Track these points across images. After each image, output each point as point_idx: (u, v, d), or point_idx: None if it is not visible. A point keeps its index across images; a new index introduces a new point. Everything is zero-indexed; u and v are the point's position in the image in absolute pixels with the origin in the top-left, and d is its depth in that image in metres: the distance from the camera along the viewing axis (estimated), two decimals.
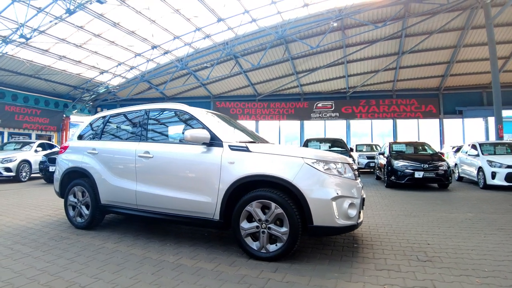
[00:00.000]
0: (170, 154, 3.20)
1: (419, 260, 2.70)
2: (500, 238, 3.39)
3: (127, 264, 2.59)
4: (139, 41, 13.62)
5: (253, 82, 19.00)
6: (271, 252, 2.65)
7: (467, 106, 18.70)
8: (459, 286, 2.18)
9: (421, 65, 17.32)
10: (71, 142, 4.17)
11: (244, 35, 13.44)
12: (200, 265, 2.58)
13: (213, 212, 2.88)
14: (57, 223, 4.07)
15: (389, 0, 11.68)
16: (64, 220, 4.13)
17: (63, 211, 4.77)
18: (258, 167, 2.74)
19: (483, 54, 15.41)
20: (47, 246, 3.03)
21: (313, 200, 2.56)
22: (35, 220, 4.18)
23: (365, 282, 2.25)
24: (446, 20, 13.01)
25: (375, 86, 19.61)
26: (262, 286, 2.18)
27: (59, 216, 4.47)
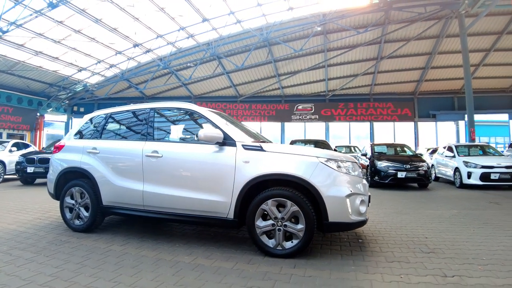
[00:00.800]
0: (181, 154, 3.22)
1: (423, 252, 2.93)
2: (488, 231, 3.72)
3: (143, 266, 2.58)
4: (121, 39, 13.29)
5: (235, 83, 19.11)
6: (287, 249, 2.76)
7: (440, 110, 19.99)
8: (465, 272, 2.41)
9: (398, 70, 18.31)
10: (67, 141, 4.02)
11: (228, 36, 13.52)
12: (218, 265, 2.62)
13: (227, 212, 2.93)
14: (51, 226, 3.92)
15: (371, 7, 12.28)
16: (58, 223, 4.00)
17: (53, 213, 4.67)
18: (274, 166, 2.84)
19: (455, 61, 16.59)
20: (49, 251, 2.93)
21: (329, 198, 2.70)
22: (26, 224, 3.99)
23: (382, 273, 2.42)
24: (423, 28, 13.91)
25: (353, 90, 20.44)
26: (287, 281, 2.27)
27: (50, 219, 4.30)
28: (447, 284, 2.22)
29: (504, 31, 14.11)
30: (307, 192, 2.79)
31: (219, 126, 3.15)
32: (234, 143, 3.03)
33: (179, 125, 3.63)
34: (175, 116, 3.65)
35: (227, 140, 3.04)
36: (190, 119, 3.52)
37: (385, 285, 2.22)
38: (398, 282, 2.27)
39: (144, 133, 3.51)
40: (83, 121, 4.13)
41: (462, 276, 2.35)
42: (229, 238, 3.44)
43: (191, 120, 3.51)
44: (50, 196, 4.02)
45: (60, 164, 3.88)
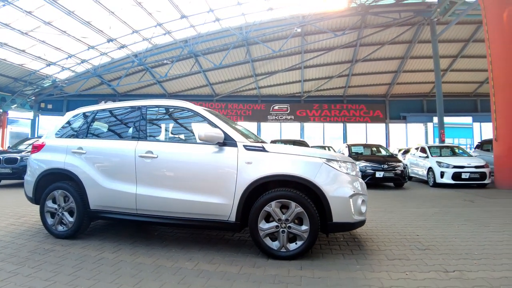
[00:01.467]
0: (178, 154, 3.11)
1: (419, 249, 3.07)
2: (471, 228, 3.98)
3: (143, 275, 2.46)
4: (94, 33, 12.63)
5: (212, 82, 18.94)
6: (291, 250, 2.76)
7: (410, 112, 21.18)
8: (464, 267, 2.56)
9: (371, 73, 19.16)
10: (48, 140, 3.74)
11: (207, 34, 13.34)
12: (223, 269, 2.57)
13: (228, 214, 2.88)
14: (29, 232, 3.62)
15: (349, 11, 12.72)
16: (36, 229, 3.73)
17: (28, 218, 4.35)
18: (278, 167, 2.84)
19: (425, 66, 17.66)
20: (33, 261, 2.69)
21: (334, 198, 2.75)
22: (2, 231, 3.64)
23: (388, 271, 2.50)
24: (397, 33, 14.66)
25: (328, 92, 21.10)
26: (299, 283, 2.28)
27: (26, 225, 3.98)
28: (451, 279, 2.34)
29: (470, 39, 15.26)
30: (309, 193, 2.82)
31: (218, 125, 3.09)
32: (235, 143, 2.98)
33: (174, 124, 3.51)
34: (169, 114, 3.52)
35: (227, 140, 2.99)
36: (186, 118, 3.42)
37: (394, 282, 2.29)
38: (405, 279, 2.35)
39: (136, 133, 3.35)
40: (65, 119, 3.86)
41: (462, 271, 2.49)
42: (227, 241, 3.39)
43: (187, 119, 3.41)
44: (28, 199, 3.73)
45: (40, 165, 3.61)
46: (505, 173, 7.86)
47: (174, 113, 3.51)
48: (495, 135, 8.12)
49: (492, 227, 4.02)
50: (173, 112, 3.51)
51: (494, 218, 4.55)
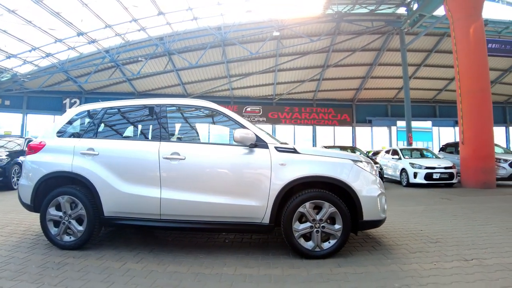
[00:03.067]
0: (208, 156, 3.10)
1: (431, 242, 3.42)
2: (462, 222, 4.48)
3: (187, 285, 2.39)
4: (64, 25, 11.73)
5: (184, 82, 18.63)
6: (325, 249, 2.92)
7: (375, 116, 22.68)
8: (478, 256, 2.93)
9: (341, 78, 20.24)
10: (49, 140, 3.46)
11: (184, 32, 13.14)
12: (265, 272, 2.60)
13: (262, 216, 2.95)
14: (24, 244, 3.34)
15: (326, 17, 13.37)
16: (31, 240, 3.46)
17: (13, 227, 4.04)
18: (312, 168, 2.98)
19: (391, 73, 19.08)
20: (50, 278, 2.47)
21: (364, 198, 2.97)
22: None
23: (417, 263, 2.78)
24: (368, 41, 15.70)
25: (299, 95, 21.87)
26: (348, 280, 2.43)
27: (15, 235, 3.67)
28: (473, 266, 2.68)
29: (433, 49, 16.85)
30: (341, 193, 3.01)
31: (247, 126, 3.15)
32: (266, 145, 3.07)
33: (198, 125, 3.49)
34: (192, 114, 3.50)
35: (258, 142, 3.07)
36: (210, 119, 3.43)
37: (430, 272, 2.56)
38: (436, 268, 2.64)
39: (157, 133, 3.25)
40: (67, 116, 3.61)
41: (479, 259, 2.85)
42: (249, 244, 3.45)
43: (211, 120, 3.42)
44: (24, 207, 3.44)
45: (39, 168, 3.33)
46: (471, 173, 8.84)
47: (197, 112, 3.49)
48: (461, 138, 9.09)
49: (479, 221, 4.54)
50: (196, 111, 3.49)
51: (476, 213, 5.13)
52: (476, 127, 8.65)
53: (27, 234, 3.73)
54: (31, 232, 3.85)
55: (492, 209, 5.47)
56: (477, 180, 8.62)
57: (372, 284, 2.36)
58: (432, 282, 2.36)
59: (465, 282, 2.35)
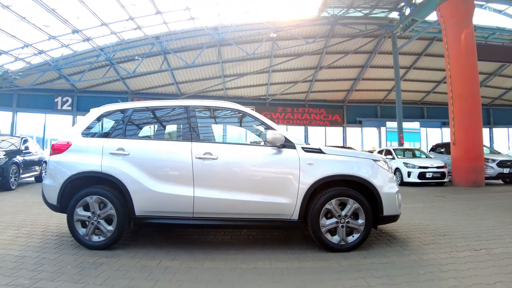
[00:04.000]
0: (240, 156, 3.29)
1: (440, 236, 3.75)
2: (461, 218, 4.85)
3: (229, 278, 2.57)
4: (60, 22, 11.55)
5: (178, 81, 18.66)
6: (349, 243, 3.19)
7: (365, 117, 23.34)
8: (485, 246, 3.27)
9: (333, 80, 20.75)
10: (74, 140, 3.49)
11: (182, 31, 13.21)
12: (299, 265, 2.82)
13: (291, 213, 3.19)
14: (49, 245, 3.38)
15: (321, 20, 13.75)
16: (55, 241, 3.52)
17: (32, 228, 4.11)
18: (337, 168, 3.24)
19: (381, 75, 19.72)
20: (91, 277, 2.52)
21: (385, 194, 3.25)
22: (8, 245, 3.36)
23: (434, 253, 3.08)
24: (360, 44, 16.21)
25: (291, 95, 22.27)
26: (377, 269, 2.68)
27: (38, 237, 3.70)
28: (483, 255, 3.01)
29: (422, 53, 17.56)
30: (363, 190, 3.28)
31: (275, 128, 3.38)
32: (294, 145, 3.31)
33: (226, 125, 3.67)
34: (220, 115, 3.68)
35: (286, 142, 3.30)
36: (237, 120, 3.62)
37: (447, 260, 2.87)
38: (452, 257, 2.95)
39: (187, 133, 3.39)
40: (92, 116, 3.67)
41: (487, 249, 3.19)
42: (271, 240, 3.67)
43: (238, 121, 3.61)
44: (50, 207, 3.48)
45: (66, 168, 3.36)
46: (462, 172, 9.38)
47: (225, 114, 3.69)
48: (453, 139, 9.62)
49: (477, 216, 4.94)
50: (225, 113, 3.68)
51: (473, 210, 5.55)
52: (467, 129, 9.19)
53: (47, 235, 3.78)
54: (50, 233, 3.91)
55: (486, 206, 5.91)
56: (468, 179, 9.16)
57: (400, 272, 2.63)
58: (452, 269, 2.66)
59: (480, 269, 2.67)
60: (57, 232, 3.93)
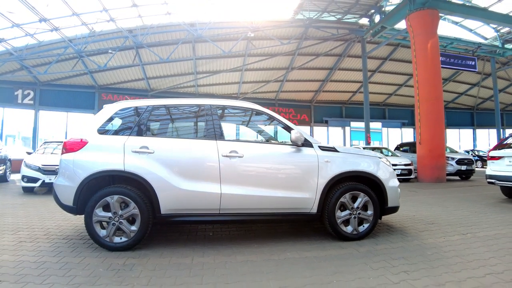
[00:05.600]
0: (263, 154, 3.52)
1: (430, 224, 4.33)
2: (439, 209, 5.56)
3: (269, 269, 2.87)
4: (26, 9, 10.63)
5: (148, 76, 18.16)
6: (361, 232, 3.60)
7: (331, 117, 24.56)
8: (469, 231, 3.88)
9: (302, 81, 21.57)
10: (90, 138, 3.41)
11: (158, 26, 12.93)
12: (324, 254, 3.13)
13: (311, 206, 3.52)
14: (62, 248, 3.31)
15: (297, 22, 14.29)
16: (66, 244, 3.47)
17: (31, 231, 3.98)
18: (351, 165, 3.64)
19: (348, 77, 20.92)
20: (132, 279, 2.54)
21: (389, 188, 3.72)
22: (17, 251, 3.24)
23: (430, 238, 3.61)
24: (331, 47, 17.09)
25: (262, 94, 22.71)
26: (392, 253, 3.11)
27: (44, 241, 3.59)
28: (471, 238, 3.59)
29: (387, 57, 18.97)
30: (370, 184, 3.72)
31: (294, 128, 3.68)
32: (311, 144, 3.64)
33: (247, 124, 3.87)
34: (241, 115, 3.88)
35: (305, 141, 3.62)
36: (257, 119, 3.85)
37: (443, 243, 3.40)
38: (447, 241, 3.49)
39: (211, 132, 3.51)
40: (108, 113, 3.59)
41: (471, 233, 3.80)
42: (284, 233, 3.99)
43: (258, 120, 3.84)
44: (64, 209, 3.38)
45: (84, 168, 3.27)
46: (427, 169, 10.45)
47: (245, 114, 3.89)
48: (419, 139, 10.67)
49: (451, 208, 5.68)
50: (244, 112, 3.89)
51: (445, 202, 6.34)
52: (431, 130, 10.27)
53: (53, 238, 3.67)
54: (55, 235, 3.81)
55: (456, 198, 6.77)
56: (432, 176, 10.25)
57: (412, 254, 3.09)
58: (452, 250, 3.18)
59: (473, 248, 3.22)
60: (62, 235, 3.85)
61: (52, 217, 4.88)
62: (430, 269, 2.68)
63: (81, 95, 17.74)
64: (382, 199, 3.73)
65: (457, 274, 2.57)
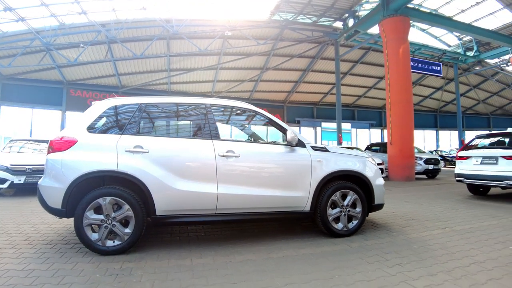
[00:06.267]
0: (259, 153, 3.56)
1: (410, 220, 4.62)
2: (415, 206, 5.94)
3: (271, 267, 2.96)
4: None
5: (120, 73, 17.47)
6: (350, 229, 3.78)
7: (303, 118, 25.17)
8: (447, 225, 4.20)
9: (276, 81, 21.90)
10: (79, 136, 3.25)
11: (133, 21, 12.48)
12: (320, 250, 3.26)
13: (304, 205, 3.62)
14: (48, 254, 3.12)
15: (274, 23, 14.47)
16: (49, 248, 3.30)
17: (8, 237, 3.73)
18: (341, 164, 3.79)
19: (320, 79, 21.55)
20: (135, 283, 2.47)
21: (376, 186, 3.93)
22: (1, 258, 3.07)
23: (413, 233, 3.87)
24: (306, 49, 17.51)
25: (236, 94, 22.76)
26: (383, 247, 3.31)
27: (25, 245, 3.43)
28: (449, 232, 3.90)
29: (359, 61, 19.76)
30: (358, 183, 3.90)
31: (287, 128, 3.76)
32: (304, 144, 3.75)
33: (241, 124, 3.89)
34: (236, 114, 3.89)
35: (298, 142, 3.72)
36: (253, 120, 3.89)
37: (426, 237, 3.66)
38: (429, 235, 3.76)
39: (207, 131, 3.49)
40: (98, 111, 3.44)
41: (449, 227, 4.12)
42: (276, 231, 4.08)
43: (252, 120, 3.88)
44: (51, 212, 3.17)
45: (73, 168, 3.10)
46: (397, 169, 11.05)
47: (240, 114, 3.91)
48: (390, 140, 11.25)
49: (425, 205, 6.07)
50: (240, 113, 3.90)
51: (419, 199, 6.76)
52: (402, 131, 10.89)
53: (35, 243, 3.46)
54: (36, 241, 3.59)
55: (427, 196, 7.24)
56: (402, 175, 10.86)
57: (401, 248, 3.29)
58: (436, 243, 3.43)
59: (454, 241, 3.50)
60: (44, 240, 3.64)
61: (28, 221, 4.59)
62: (420, 261, 2.89)
63: (47, 91, 16.71)
64: (369, 197, 3.93)
65: (445, 264, 2.80)
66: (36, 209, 5.50)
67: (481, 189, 7.00)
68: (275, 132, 4.03)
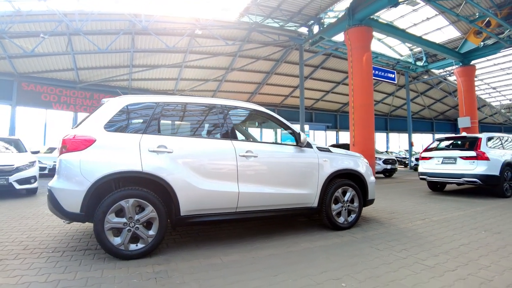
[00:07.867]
0: (274, 153, 3.80)
1: (392, 213, 5.20)
2: (392, 201, 6.62)
3: (296, 260, 3.21)
4: None
5: (79, 67, 16.26)
6: (349, 222, 4.21)
7: None
8: (426, 217, 4.84)
9: (240, 82, 22.13)
10: (98, 134, 3.13)
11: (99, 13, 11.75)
12: (332, 242, 3.62)
13: (313, 201, 3.96)
14: (63, 262, 2.97)
15: (243, 24, 14.69)
16: (68, 256, 3.11)
17: (10, 246, 3.45)
18: (343, 164, 4.20)
19: (282, 82, 22.28)
20: (178, 285, 2.45)
21: (370, 183, 4.43)
22: (9, 271, 2.93)
23: (401, 224, 4.41)
24: (271, 52, 18.02)
25: (200, 93, 22.53)
26: (382, 237, 3.77)
27: (32, 252, 3.28)
28: (429, 222, 4.52)
29: (319, 66, 20.80)
30: (355, 180, 4.34)
31: (296, 130, 4.05)
32: (311, 145, 4.09)
33: (256, 125, 4.06)
34: (250, 117, 4.06)
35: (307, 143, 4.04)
36: (265, 121, 4.10)
37: (413, 227, 4.22)
38: (415, 225, 4.34)
39: (225, 132, 3.60)
40: (114, 108, 3.31)
41: (429, 218, 4.76)
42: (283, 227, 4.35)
43: (265, 122, 4.10)
44: (67, 217, 3.00)
45: (94, 169, 2.98)
46: None
47: (253, 116, 4.09)
48: (353, 141, 12.15)
49: (398, 201, 6.76)
50: (253, 114, 4.08)
51: (390, 195, 7.52)
52: (364, 133, 11.83)
53: (39, 253, 3.21)
54: (37, 249, 3.38)
55: (395, 193, 8.05)
56: None
57: (398, 236, 3.79)
58: (425, 231, 4.00)
59: (438, 229, 4.10)
60: (46, 247, 3.39)
61: (13, 227, 4.22)
62: (420, 246, 3.39)
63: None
64: (364, 193, 4.40)
65: (440, 247, 3.32)
66: (10, 213, 5.08)
67: (438, 186, 8.02)
68: (273, 133, 4.30)
